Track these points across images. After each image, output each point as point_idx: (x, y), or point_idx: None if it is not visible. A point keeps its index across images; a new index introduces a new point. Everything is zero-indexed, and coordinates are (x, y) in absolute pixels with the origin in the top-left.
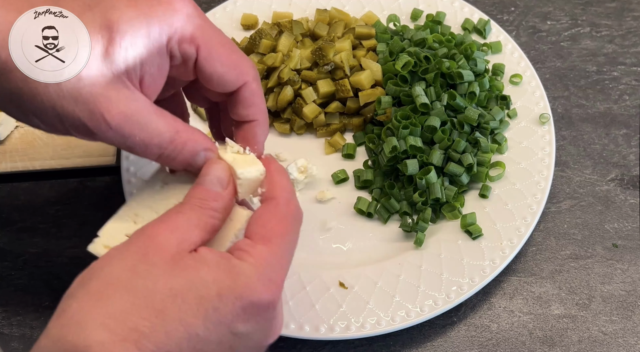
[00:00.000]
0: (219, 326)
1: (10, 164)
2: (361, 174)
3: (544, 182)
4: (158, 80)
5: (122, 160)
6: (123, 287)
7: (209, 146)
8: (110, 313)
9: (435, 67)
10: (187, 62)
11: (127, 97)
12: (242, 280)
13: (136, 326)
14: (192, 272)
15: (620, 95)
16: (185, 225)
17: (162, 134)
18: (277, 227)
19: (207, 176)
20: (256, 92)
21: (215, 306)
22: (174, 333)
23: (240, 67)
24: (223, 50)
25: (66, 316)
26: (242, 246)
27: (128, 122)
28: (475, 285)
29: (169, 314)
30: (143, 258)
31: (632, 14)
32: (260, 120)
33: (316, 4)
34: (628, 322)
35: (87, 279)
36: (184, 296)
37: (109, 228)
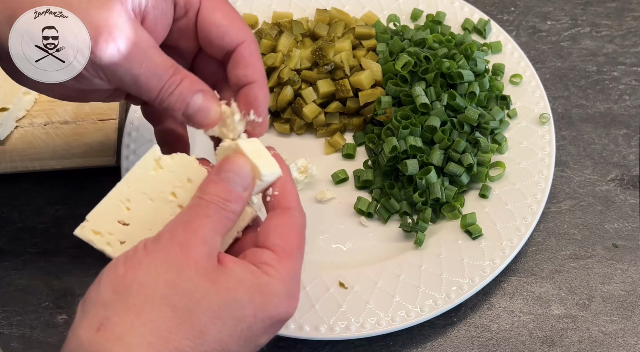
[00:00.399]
0: (248, 342)
1: (10, 164)
2: (361, 174)
3: (544, 182)
4: (159, 27)
5: (121, 161)
6: (164, 305)
7: (206, 88)
8: (155, 332)
9: (435, 67)
10: (189, 13)
11: (135, 26)
12: (273, 300)
13: (180, 346)
14: (231, 293)
15: (620, 95)
16: (212, 233)
17: (165, 67)
18: (296, 240)
19: (231, 173)
20: (254, 53)
21: (249, 326)
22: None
23: (239, 25)
24: (224, 5)
25: (108, 331)
26: (268, 261)
27: (136, 48)
28: (475, 285)
29: (210, 335)
30: (180, 273)
31: (632, 14)
32: (259, 81)
33: (316, 4)
34: (628, 322)
35: (123, 290)
36: (223, 318)
37: (97, 212)
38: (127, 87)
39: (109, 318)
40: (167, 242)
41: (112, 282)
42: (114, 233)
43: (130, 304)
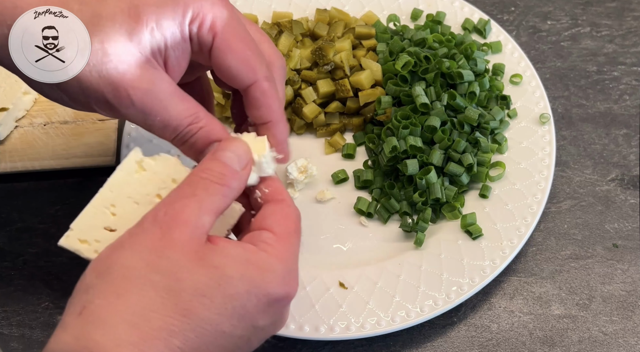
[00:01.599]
0: (243, 322)
1: (10, 164)
2: (361, 174)
3: (544, 182)
4: (182, 63)
5: (121, 161)
6: (145, 284)
7: (223, 138)
8: (137, 312)
9: (435, 67)
10: (203, 49)
11: (152, 75)
12: (269, 276)
13: (165, 325)
14: (218, 270)
15: (620, 95)
16: (198, 212)
17: (181, 118)
18: (292, 226)
19: (227, 150)
20: (267, 92)
21: (242, 303)
22: (201, 331)
23: (252, 65)
24: (239, 43)
25: (89, 313)
26: (265, 239)
27: (151, 100)
28: (475, 285)
29: (196, 313)
30: (161, 253)
31: (633, 13)
32: (273, 120)
33: (316, 4)
34: (628, 323)
35: (104, 272)
36: (210, 295)
37: (82, 220)
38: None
39: (90, 301)
40: (148, 226)
41: (94, 267)
42: (101, 240)
43: (111, 285)
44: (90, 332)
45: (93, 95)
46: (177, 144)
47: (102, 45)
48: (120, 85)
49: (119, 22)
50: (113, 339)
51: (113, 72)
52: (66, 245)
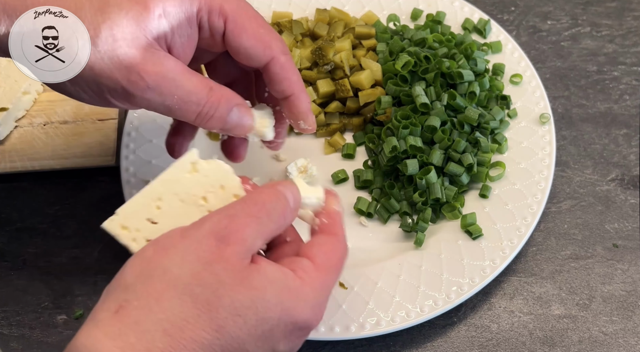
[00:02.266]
0: (266, 344)
1: (10, 164)
2: (361, 174)
3: (544, 182)
4: (187, 50)
5: (121, 161)
6: (185, 294)
7: (241, 102)
8: (172, 320)
9: (435, 67)
10: (215, 35)
11: (161, 57)
12: (300, 305)
13: (197, 337)
14: (259, 293)
15: (620, 95)
16: (255, 234)
17: (198, 92)
18: (336, 260)
19: (285, 188)
20: (286, 66)
21: (271, 328)
22: (228, 348)
23: (267, 41)
24: (250, 24)
25: (126, 313)
26: (304, 266)
27: (165, 80)
28: (475, 285)
29: (228, 331)
30: (207, 267)
31: (633, 13)
32: (295, 93)
33: (316, 4)
34: (628, 323)
35: (147, 275)
36: (246, 316)
37: (128, 208)
38: (163, 113)
39: (128, 301)
40: (206, 233)
41: (137, 265)
42: (141, 230)
43: (152, 288)
44: (125, 333)
45: (106, 83)
46: (203, 120)
47: (112, 32)
48: (133, 69)
49: (126, 9)
50: (146, 344)
51: (124, 56)
52: (108, 228)
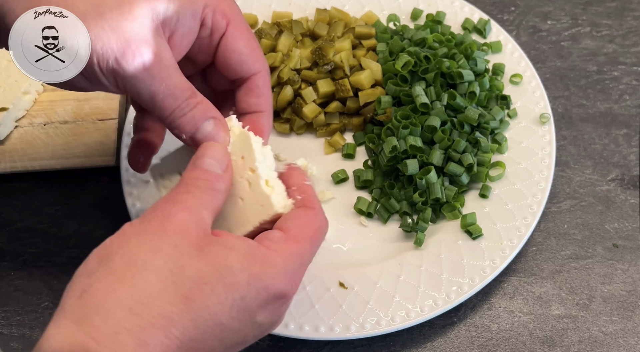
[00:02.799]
0: (242, 315)
1: (10, 164)
2: (361, 174)
3: (544, 182)
4: (184, 42)
5: (121, 161)
6: (148, 269)
7: (218, 116)
8: (137, 297)
9: (435, 67)
10: (214, 35)
11: (161, 44)
12: (270, 271)
13: (164, 312)
14: (221, 259)
15: (620, 95)
16: (197, 205)
17: (183, 89)
18: (311, 234)
19: (205, 157)
20: (267, 84)
21: (242, 295)
22: (200, 321)
23: (258, 55)
24: (247, 33)
25: (89, 297)
26: (273, 238)
27: (160, 65)
28: (475, 285)
29: (197, 302)
30: (164, 238)
31: (633, 13)
32: (267, 111)
33: (316, 4)
34: (628, 323)
35: (106, 258)
36: (211, 283)
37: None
38: (142, 101)
39: (90, 285)
40: (149, 215)
41: (98, 253)
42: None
43: (112, 269)
44: (90, 316)
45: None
46: (176, 116)
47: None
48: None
49: None
50: (112, 326)
51: (127, 29)
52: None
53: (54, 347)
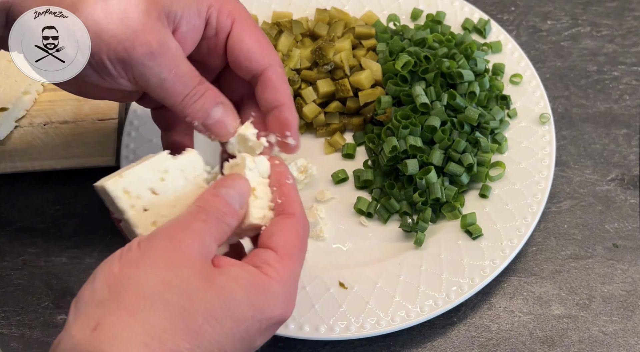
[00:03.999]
0: (244, 343)
1: (10, 164)
2: (361, 174)
3: (544, 182)
4: (189, 40)
5: (121, 161)
6: (159, 303)
7: (226, 102)
8: (150, 332)
9: (435, 67)
10: (220, 34)
11: (165, 33)
12: (271, 302)
13: (176, 347)
14: (227, 293)
15: (620, 95)
16: (208, 237)
17: (191, 76)
18: (298, 244)
19: (231, 188)
20: (281, 76)
21: (247, 327)
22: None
23: (268, 49)
24: (254, 30)
25: (104, 330)
26: (269, 261)
27: (168, 52)
28: (475, 285)
29: (206, 336)
30: (175, 270)
31: (633, 13)
32: (287, 103)
33: (316, 4)
34: (628, 323)
35: (116, 287)
36: (220, 318)
37: (134, 173)
38: (152, 90)
39: (104, 318)
40: (162, 241)
41: (107, 281)
42: (142, 198)
43: (125, 303)
44: (103, 350)
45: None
46: (187, 103)
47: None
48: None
49: None
50: None
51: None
52: (111, 188)
53: None
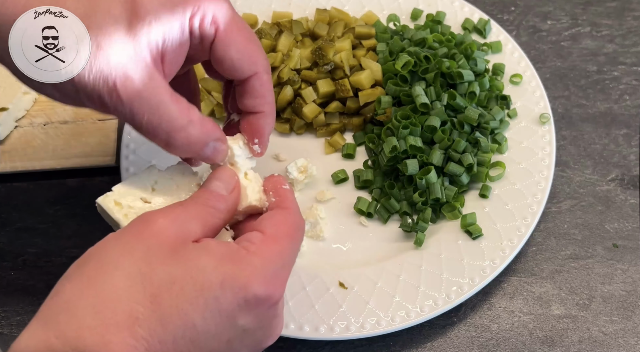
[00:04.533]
0: (218, 317)
1: (10, 164)
2: (361, 174)
3: (544, 182)
4: (179, 57)
5: (121, 161)
6: (118, 270)
7: (219, 136)
8: (103, 297)
9: (435, 67)
10: (204, 42)
11: (144, 74)
12: (247, 270)
13: (130, 311)
14: (193, 260)
15: (620, 95)
16: (184, 215)
17: (173, 120)
18: (288, 231)
19: (213, 180)
20: (265, 84)
21: (215, 295)
22: (168, 321)
23: (254, 57)
24: (240, 36)
25: (58, 299)
26: (251, 238)
27: (140, 100)
28: (475, 285)
29: (165, 301)
30: (140, 242)
31: (633, 13)
32: (266, 112)
33: (316, 4)
34: (628, 323)
35: (82, 262)
36: (182, 282)
37: (124, 186)
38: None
39: (62, 285)
40: (136, 220)
41: (77, 260)
42: (134, 208)
43: (85, 271)
44: (56, 316)
45: (84, 90)
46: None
47: (97, 39)
48: (110, 80)
49: (115, 16)
50: (75, 324)
51: (105, 67)
52: (102, 203)
53: (21, 347)
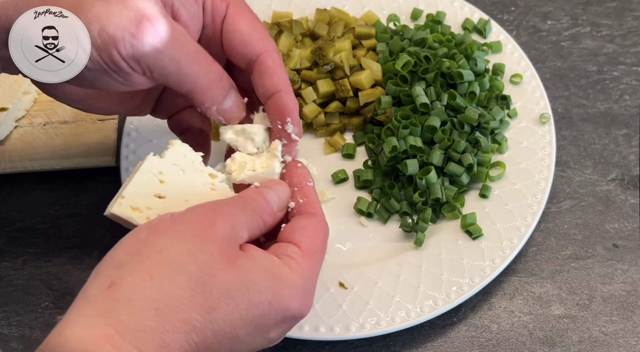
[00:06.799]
0: (258, 331)
1: (10, 164)
2: (361, 174)
3: (544, 182)
4: (191, 28)
5: (121, 161)
6: (179, 273)
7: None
8: (165, 299)
9: (435, 67)
10: (215, 19)
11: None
12: (290, 291)
13: (189, 319)
14: (247, 274)
15: (620, 95)
16: (242, 224)
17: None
18: (320, 244)
19: (273, 190)
20: (277, 61)
21: (262, 313)
22: (219, 332)
23: (263, 34)
24: (249, 15)
25: (118, 289)
26: (291, 253)
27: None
28: (475, 285)
29: (220, 314)
30: (201, 246)
31: (633, 13)
32: (285, 89)
33: (316, 4)
34: (628, 323)
35: (138, 252)
36: (237, 299)
37: (133, 188)
38: (169, 76)
39: (122, 278)
40: (195, 216)
41: (130, 246)
42: (152, 207)
43: (146, 266)
44: (117, 310)
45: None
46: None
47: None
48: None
49: None
50: (138, 323)
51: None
52: (119, 212)
53: (77, 335)
